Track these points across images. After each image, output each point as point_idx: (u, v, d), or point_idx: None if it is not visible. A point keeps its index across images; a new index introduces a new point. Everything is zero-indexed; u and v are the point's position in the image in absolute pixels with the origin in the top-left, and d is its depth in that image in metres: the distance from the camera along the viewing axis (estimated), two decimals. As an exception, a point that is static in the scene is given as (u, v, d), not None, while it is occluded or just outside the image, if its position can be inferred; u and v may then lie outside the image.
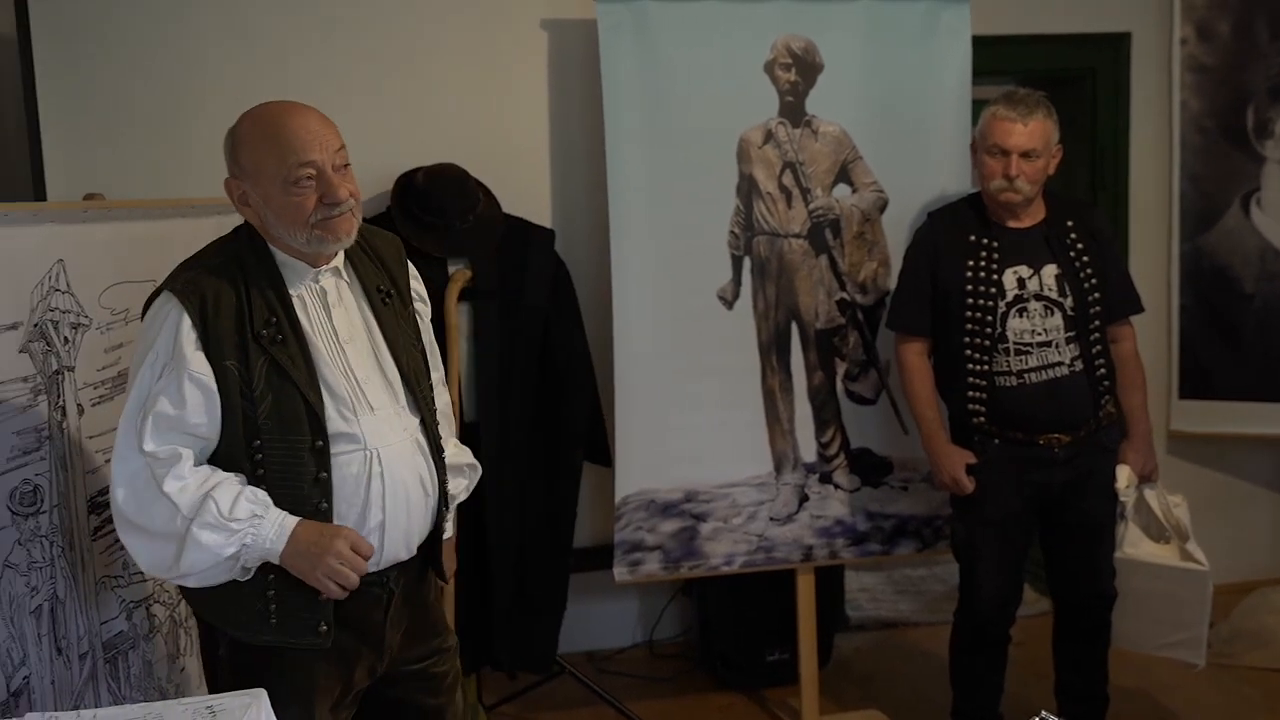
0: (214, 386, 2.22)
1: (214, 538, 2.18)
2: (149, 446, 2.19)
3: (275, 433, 2.25)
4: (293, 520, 2.24)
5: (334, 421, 2.29)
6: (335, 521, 2.29)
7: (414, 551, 2.45)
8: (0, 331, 2.49)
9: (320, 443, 2.27)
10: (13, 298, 2.54)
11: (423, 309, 2.59)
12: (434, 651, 2.58)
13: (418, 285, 2.59)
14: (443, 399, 2.63)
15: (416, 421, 2.44)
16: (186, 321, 2.21)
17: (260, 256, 2.32)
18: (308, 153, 2.24)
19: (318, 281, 2.36)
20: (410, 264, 2.59)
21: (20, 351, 2.55)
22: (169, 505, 2.17)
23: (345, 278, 2.42)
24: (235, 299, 2.26)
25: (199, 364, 2.21)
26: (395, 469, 2.35)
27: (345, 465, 2.30)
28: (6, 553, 2.50)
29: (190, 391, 2.21)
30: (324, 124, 2.29)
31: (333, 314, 2.36)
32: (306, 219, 2.26)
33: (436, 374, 2.63)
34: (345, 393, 2.31)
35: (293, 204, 2.25)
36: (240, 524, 2.19)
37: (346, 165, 2.31)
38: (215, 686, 2.42)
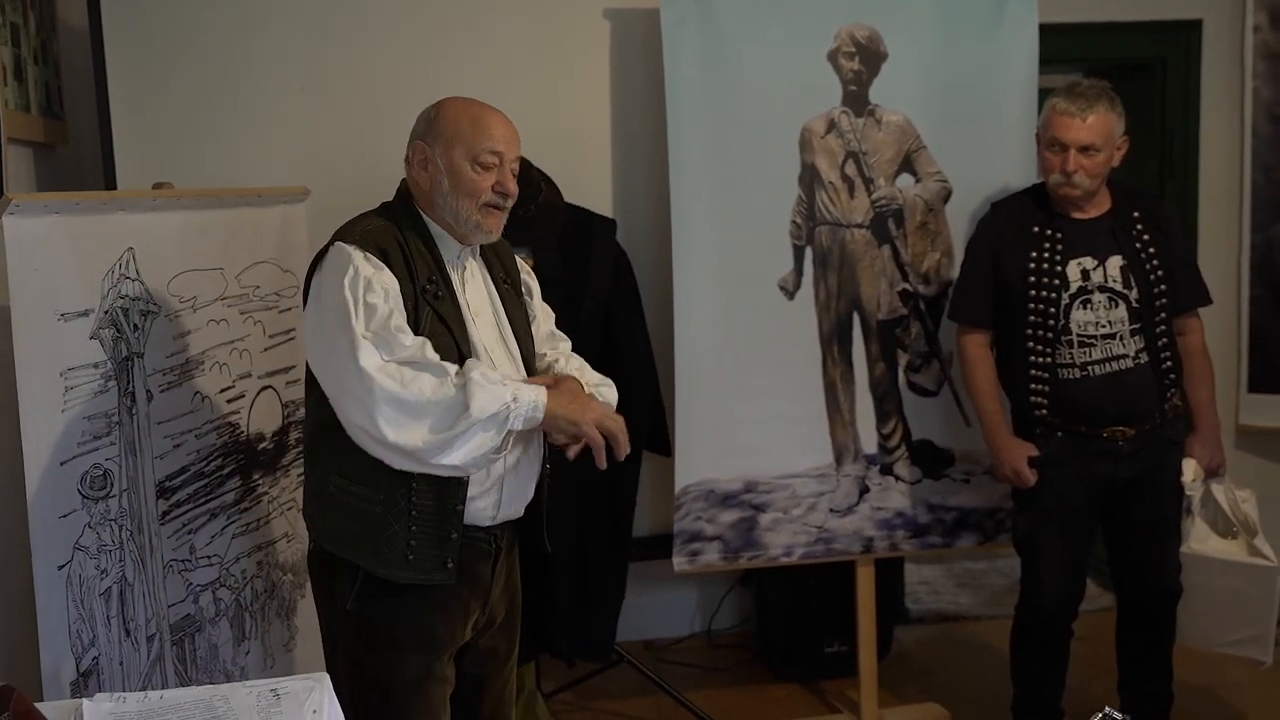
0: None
1: (491, 386, 2.33)
2: (402, 338, 2.34)
3: None
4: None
5: None
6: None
7: (522, 513, 2.64)
8: (72, 318, 2.54)
9: None
10: (84, 285, 2.59)
11: (533, 283, 2.83)
12: (509, 618, 2.74)
13: (528, 277, 2.81)
14: (567, 345, 2.84)
15: None
16: (371, 259, 2.40)
17: (416, 224, 2.54)
18: (499, 144, 2.51)
19: (460, 258, 2.58)
20: (519, 260, 2.81)
21: (91, 338, 2.59)
22: (438, 368, 2.33)
23: (477, 261, 2.64)
24: (401, 253, 2.46)
25: (393, 280, 2.41)
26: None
27: None
28: (77, 536, 2.54)
29: (396, 298, 2.39)
30: (515, 132, 2.57)
31: (467, 288, 2.57)
32: (479, 197, 2.49)
33: (555, 331, 2.84)
34: (481, 356, 2.51)
35: (473, 179, 2.49)
36: (503, 381, 2.38)
37: (516, 174, 2.56)
38: (336, 640, 2.56)
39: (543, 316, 2.80)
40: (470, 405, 2.29)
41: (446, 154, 2.49)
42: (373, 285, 2.36)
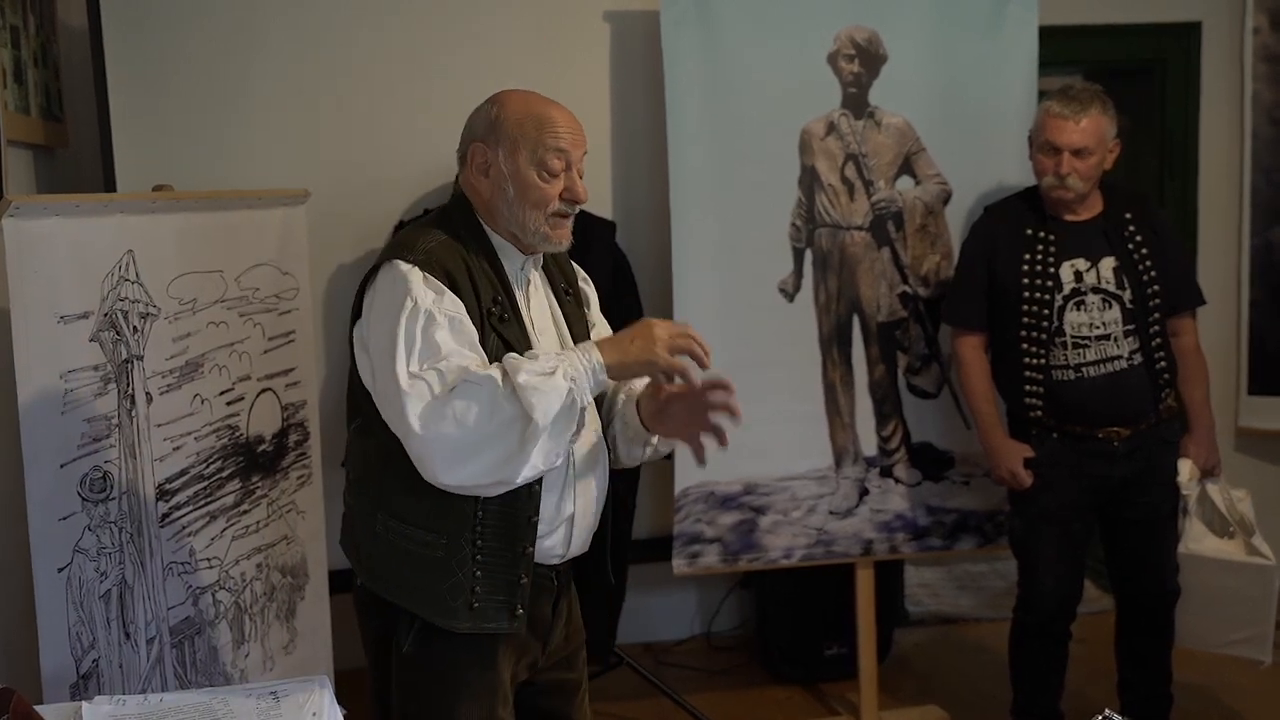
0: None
1: (544, 380, 2.07)
2: (441, 364, 2.11)
3: None
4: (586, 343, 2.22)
5: None
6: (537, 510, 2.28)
7: (589, 547, 2.45)
8: (71, 321, 2.54)
9: None
10: (84, 287, 2.59)
11: (589, 291, 2.58)
12: (574, 652, 2.56)
13: (585, 285, 2.58)
14: None
15: (595, 416, 2.42)
16: (432, 282, 2.18)
17: (477, 236, 2.31)
18: (564, 141, 2.28)
19: (523, 270, 2.36)
20: (576, 265, 2.58)
21: (91, 340, 2.60)
22: (488, 383, 2.07)
23: (540, 272, 2.43)
24: (467, 274, 2.24)
25: (464, 310, 2.20)
26: (583, 461, 2.35)
27: None
28: (77, 538, 2.54)
29: (466, 325, 2.18)
30: (580, 127, 2.34)
31: (531, 303, 2.37)
32: (547, 207, 2.28)
33: None
34: None
35: (541, 189, 2.27)
36: (549, 360, 2.13)
37: (582, 175, 2.35)
38: (388, 684, 2.37)
39: (601, 328, 2.55)
40: (533, 414, 2.04)
41: (511, 158, 2.27)
42: (434, 317, 2.14)
